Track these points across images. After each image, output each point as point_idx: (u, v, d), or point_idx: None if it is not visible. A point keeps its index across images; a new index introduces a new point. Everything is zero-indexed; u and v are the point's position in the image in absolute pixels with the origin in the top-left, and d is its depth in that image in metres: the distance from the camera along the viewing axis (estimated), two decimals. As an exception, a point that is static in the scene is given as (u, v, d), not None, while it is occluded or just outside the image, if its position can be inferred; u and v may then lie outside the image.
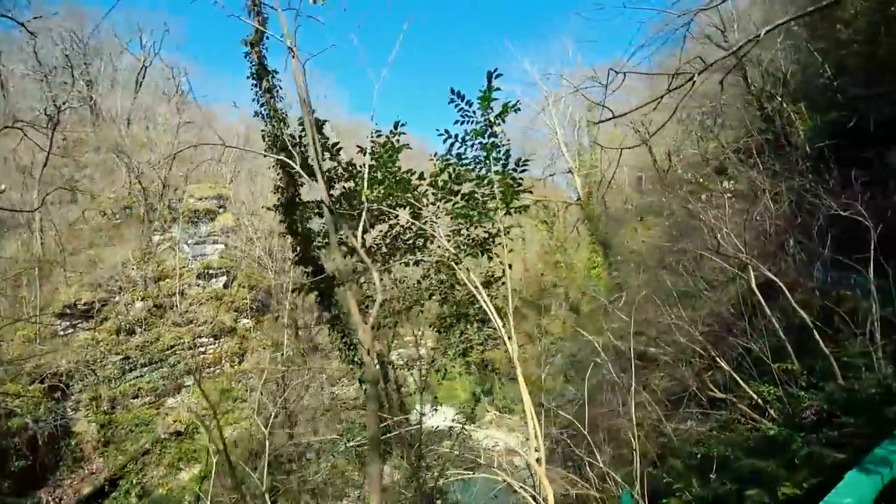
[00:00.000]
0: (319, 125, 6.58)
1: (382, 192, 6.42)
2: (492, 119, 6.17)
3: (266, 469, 9.94)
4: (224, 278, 30.43)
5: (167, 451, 25.23)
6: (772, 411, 8.96)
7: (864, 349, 7.58)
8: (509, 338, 5.51)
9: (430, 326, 9.95)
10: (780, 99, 28.29)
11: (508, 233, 7.17)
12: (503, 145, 6.38)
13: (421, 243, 7.29)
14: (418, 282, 8.54)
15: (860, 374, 7.56)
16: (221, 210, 31.44)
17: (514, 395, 36.69)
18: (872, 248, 7.99)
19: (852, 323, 8.50)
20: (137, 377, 26.33)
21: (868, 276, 8.08)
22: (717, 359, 9.56)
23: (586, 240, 29.13)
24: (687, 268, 15.62)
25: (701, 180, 26.96)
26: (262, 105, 12.94)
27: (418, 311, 9.24)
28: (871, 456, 2.76)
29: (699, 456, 9.78)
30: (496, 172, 6.40)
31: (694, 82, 5.20)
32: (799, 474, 6.05)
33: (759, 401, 8.90)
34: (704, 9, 4.87)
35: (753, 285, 9.60)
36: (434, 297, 8.50)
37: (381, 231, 7.30)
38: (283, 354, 26.67)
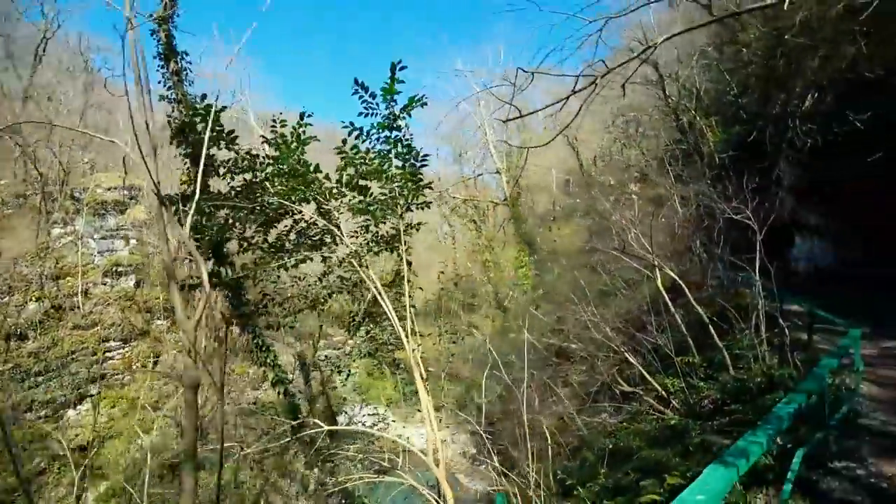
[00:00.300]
0: (213, 112, 6.12)
1: (286, 185, 6.09)
2: (396, 112, 6.03)
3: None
4: (135, 276, 28.20)
5: (67, 469, 22.97)
6: (675, 402, 9.50)
7: (751, 342, 8.21)
8: (408, 336, 5.39)
9: (339, 326, 9.66)
10: (693, 113, 30.45)
11: (412, 229, 7.08)
12: (407, 140, 6.26)
13: (330, 239, 7.00)
14: (318, 279, 8.25)
15: (749, 365, 8.17)
16: (133, 202, 29.13)
17: (447, 392, 36.91)
18: (757, 249, 8.67)
19: (743, 318, 9.19)
20: (31, 388, 23.76)
21: (754, 274, 8.75)
22: (627, 354, 10.00)
23: (513, 239, 29.85)
24: (606, 267, 16.32)
25: (613, 183, 28.40)
26: (168, 88, 12.08)
27: (320, 310, 8.89)
28: (733, 448, 2.88)
29: (610, 447, 10.18)
30: (397, 168, 6.25)
31: (596, 84, 5.34)
32: (692, 461, 6.39)
33: (664, 393, 9.39)
34: (615, 16, 5.05)
35: (660, 284, 10.14)
36: (338, 296, 8.22)
37: (286, 226, 6.94)
38: (199, 357, 25.07)
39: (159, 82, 12.46)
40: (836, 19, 13.83)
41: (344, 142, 6.32)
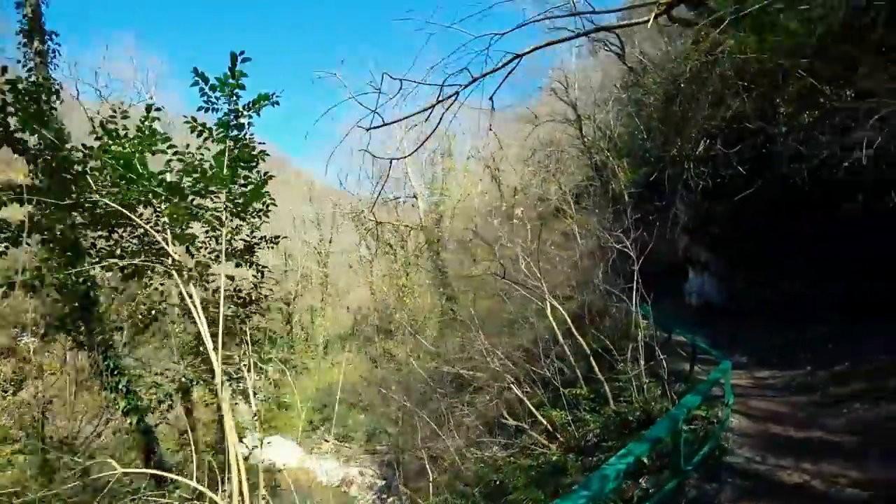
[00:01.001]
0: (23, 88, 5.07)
1: (118, 185, 5.10)
2: (240, 109, 5.30)
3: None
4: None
5: None
6: (561, 436, 9.15)
7: (632, 374, 8.07)
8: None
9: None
10: (606, 153, 32.10)
11: (267, 244, 6.30)
12: (252, 143, 5.51)
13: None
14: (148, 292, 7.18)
15: (632, 398, 7.99)
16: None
17: (355, 423, 35.16)
18: (635, 279, 8.68)
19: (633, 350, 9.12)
20: None
21: (631, 304, 8.72)
22: (512, 385, 9.59)
23: (429, 265, 29.44)
24: (511, 296, 16.14)
25: (518, 215, 29.01)
26: (29, 70, 10.56)
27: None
28: (595, 473, 2.45)
29: (497, 483, 9.62)
30: (238, 172, 5.47)
31: (458, 94, 4.90)
32: None
33: (550, 427, 9.02)
34: (501, 33, 4.71)
35: (549, 314, 9.92)
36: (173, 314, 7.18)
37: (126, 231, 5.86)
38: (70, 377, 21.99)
39: (19, 62, 10.91)
40: (721, 75, 14.94)
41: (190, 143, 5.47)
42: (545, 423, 9.14)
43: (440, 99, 4.86)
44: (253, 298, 7.23)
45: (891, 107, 7.61)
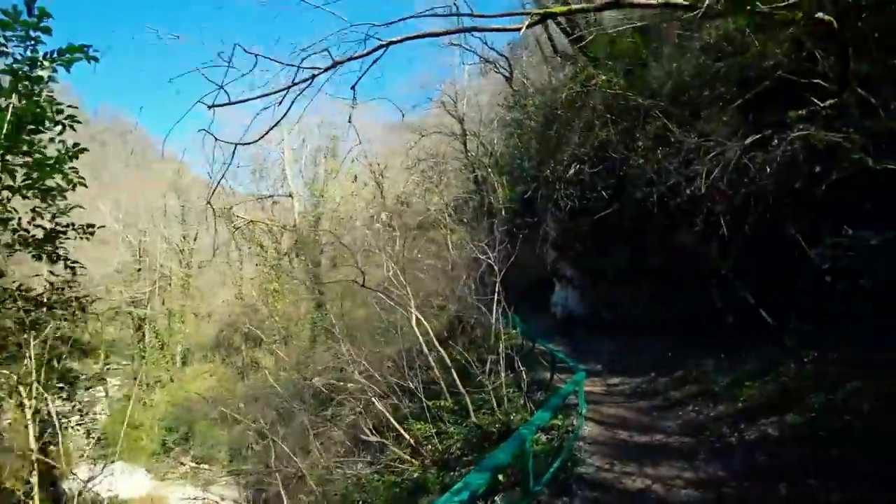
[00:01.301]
0: None
1: None
2: (40, 58, 4.22)
3: None
4: None
5: None
6: (425, 451, 8.81)
7: (493, 384, 8.03)
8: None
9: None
10: (488, 169, 33.35)
11: (75, 231, 5.14)
12: (55, 103, 4.42)
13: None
14: None
15: (491, 409, 7.92)
16: None
17: (217, 441, 31.74)
18: (496, 290, 8.78)
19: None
20: None
21: (493, 314, 8.78)
22: (374, 399, 9.10)
23: (300, 270, 27.78)
24: (384, 305, 15.66)
25: (384, 220, 28.98)
26: None
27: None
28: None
29: (360, 503, 8.97)
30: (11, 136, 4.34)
31: (314, 77, 4.41)
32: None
33: (413, 441, 8.64)
34: (380, 24, 4.22)
35: (413, 325, 9.63)
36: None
37: None
38: None
39: None
40: (593, 107, 16.24)
41: None
42: (408, 437, 8.75)
43: (295, 82, 4.29)
44: (50, 301, 5.80)
45: (725, 146, 8.60)
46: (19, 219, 4.83)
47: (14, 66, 4.15)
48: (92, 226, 5.56)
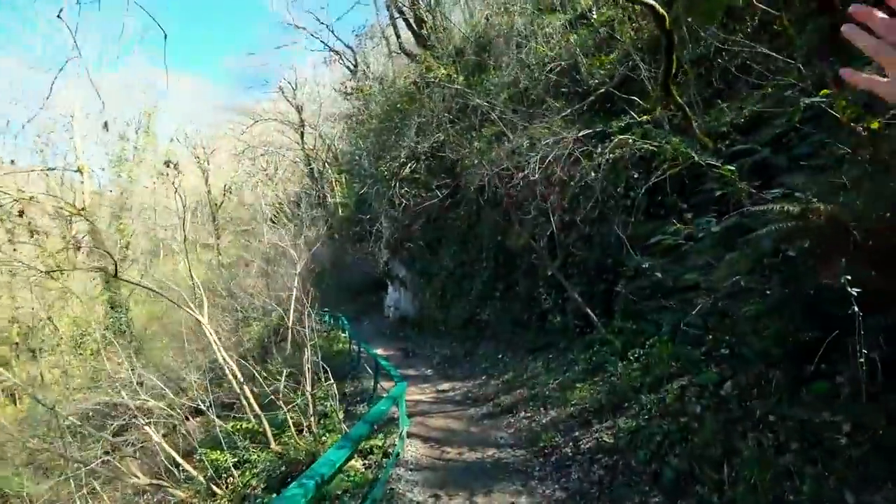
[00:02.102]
0: None
1: None
2: None
3: None
4: None
5: None
6: (224, 484, 6.78)
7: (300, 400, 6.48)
8: None
9: None
10: (324, 163, 31.15)
11: None
12: None
13: None
14: None
15: (302, 428, 6.35)
16: None
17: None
18: (294, 287, 7.38)
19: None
20: None
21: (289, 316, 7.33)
22: (151, 429, 6.81)
23: (90, 263, 22.09)
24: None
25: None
26: None
27: None
28: None
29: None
30: None
31: None
32: None
33: (213, 471, 6.56)
34: None
35: (208, 332, 7.57)
36: None
37: None
38: None
39: None
40: (432, 108, 15.75)
41: None
42: (196, 472, 6.65)
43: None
44: None
45: (550, 148, 8.49)
46: None
47: None
48: None
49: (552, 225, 9.36)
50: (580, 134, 9.95)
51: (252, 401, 7.00)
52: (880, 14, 0.59)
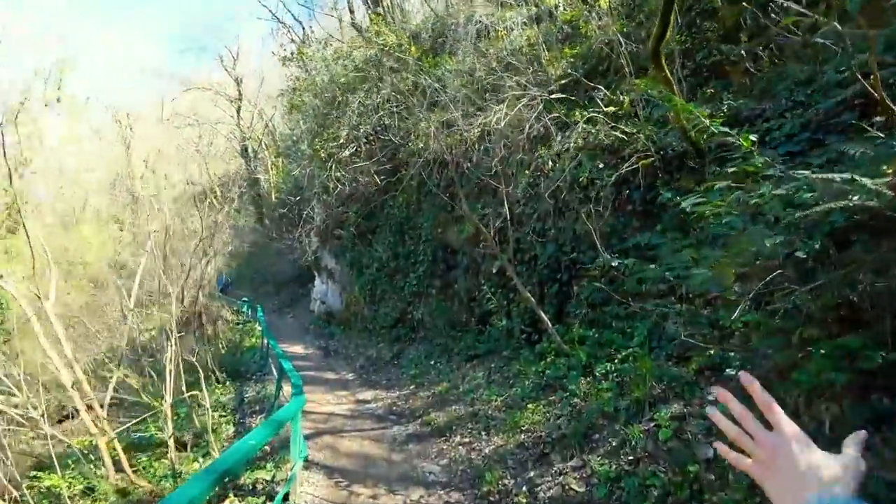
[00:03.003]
0: None
1: None
2: None
3: None
4: None
5: None
6: None
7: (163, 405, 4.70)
8: None
9: None
10: (261, 142, 28.41)
11: None
12: None
13: None
14: None
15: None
16: None
17: None
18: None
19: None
20: None
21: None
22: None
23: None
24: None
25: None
26: None
27: None
28: None
29: None
30: None
31: None
32: None
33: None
34: None
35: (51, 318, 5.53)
36: None
37: None
38: None
39: None
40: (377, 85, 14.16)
41: None
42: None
43: None
44: None
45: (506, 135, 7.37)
46: None
47: None
48: None
49: (504, 215, 8.14)
50: (539, 123, 8.85)
51: (99, 412, 5.07)
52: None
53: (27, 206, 23.82)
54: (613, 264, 5.24)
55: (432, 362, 7.40)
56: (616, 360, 4.38)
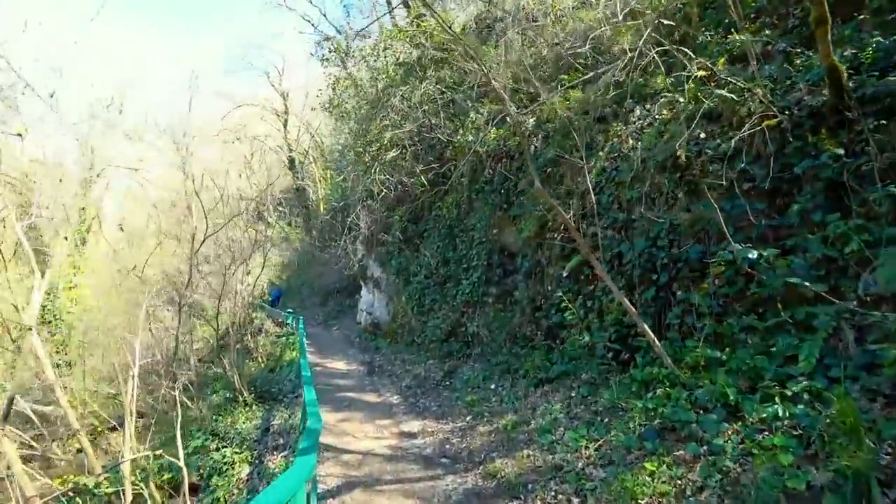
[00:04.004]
0: None
1: None
2: None
3: None
4: None
5: None
6: None
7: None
8: None
9: None
10: (307, 153, 28.32)
11: None
12: None
13: None
14: None
15: None
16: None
17: None
18: None
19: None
20: None
21: None
22: None
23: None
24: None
25: None
26: None
27: None
28: None
29: None
30: None
31: None
32: None
33: None
34: None
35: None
36: None
37: None
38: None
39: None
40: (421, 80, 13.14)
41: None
42: None
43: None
44: None
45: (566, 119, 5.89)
46: None
47: None
48: None
49: (572, 208, 6.70)
50: (609, 98, 7.39)
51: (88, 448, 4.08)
52: None
53: (95, 221, 24.51)
54: (749, 256, 3.72)
55: (492, 386, 6.02)
56: (778, 397, 2.85)
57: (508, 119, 9.61)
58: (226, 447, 5.03)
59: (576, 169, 6.92)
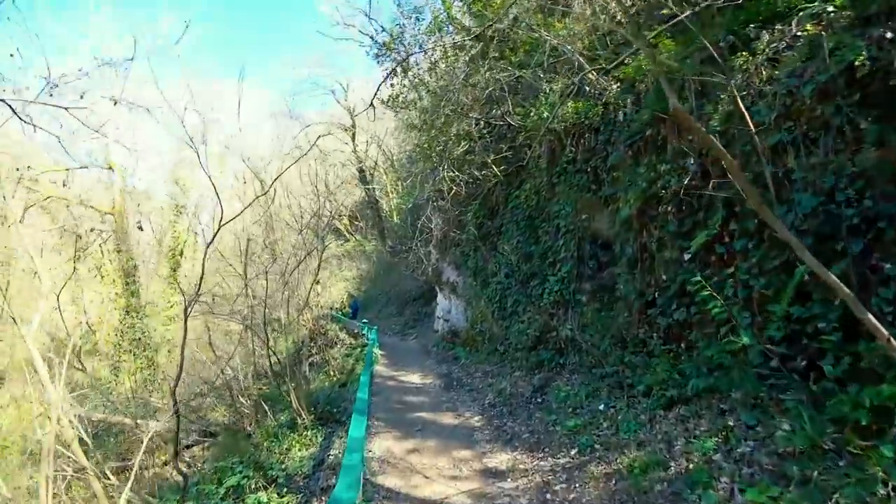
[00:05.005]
0: None
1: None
2: None
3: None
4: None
5: None
6: None
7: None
8: None
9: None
10: (375, 164, 28.33)
11: None
12: None
13: None
14: None
15: None
16: None
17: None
18: None
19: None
20: None
21: None
22: None
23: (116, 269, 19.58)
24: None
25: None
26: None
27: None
28: None
29: None
30: None
31: None
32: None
33: None
34: None
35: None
36: None
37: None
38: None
39: None
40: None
41: None
42: None
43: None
44: None
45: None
46: None
47: None
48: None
49: (688, 168, 5.16)
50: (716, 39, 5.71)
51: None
52: None
53: (189, 245, 26.07)
54: None
55: (600, 406, 4.65)
56: None
57: (588, 87, 8.20)
58: (266, 487, 4.19)
59: (685, 125, 5.36)
